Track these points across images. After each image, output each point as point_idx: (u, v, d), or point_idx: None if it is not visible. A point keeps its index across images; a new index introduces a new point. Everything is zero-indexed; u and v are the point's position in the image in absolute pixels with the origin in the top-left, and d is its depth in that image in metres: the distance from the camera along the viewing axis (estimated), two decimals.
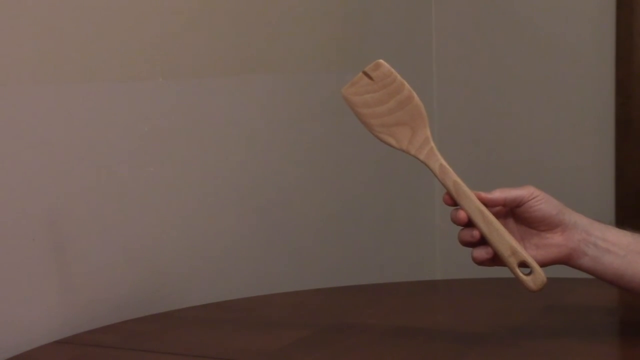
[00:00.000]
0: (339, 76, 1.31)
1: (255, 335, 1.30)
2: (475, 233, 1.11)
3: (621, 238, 1.15)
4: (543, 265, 1.13)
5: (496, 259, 1.12)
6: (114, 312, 1.42)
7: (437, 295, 1.60)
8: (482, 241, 1.11)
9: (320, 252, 1.81)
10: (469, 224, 1.11)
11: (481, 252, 1.11)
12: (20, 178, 1.33)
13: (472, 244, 1.12)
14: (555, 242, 1.13)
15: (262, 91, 1.69)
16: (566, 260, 1.14)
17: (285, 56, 1.73)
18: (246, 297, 1.51)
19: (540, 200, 1.12)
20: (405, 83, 1.12)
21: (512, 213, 1.14)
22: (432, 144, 1.12)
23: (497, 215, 1.13)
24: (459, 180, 1.12)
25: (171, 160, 1.54)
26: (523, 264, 1.11)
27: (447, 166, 1.12)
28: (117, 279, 1.46)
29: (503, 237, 1.11)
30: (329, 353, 1.21)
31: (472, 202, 1.11)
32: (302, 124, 1.77)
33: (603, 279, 1.16)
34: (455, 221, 1.12)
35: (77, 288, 1.41)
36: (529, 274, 1.11)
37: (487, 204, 1.12)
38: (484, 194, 1.12)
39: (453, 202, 1.12)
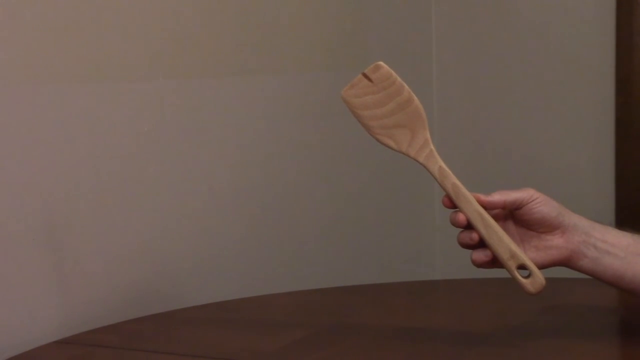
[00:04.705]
0: (339, 76, 1.31)
1: (255, 335, 1.30)
2: (474, 236, 1.11)
3: (621, 239, 1.15)
4: (543, 267, 1.13)
5: (495, 262, 1.12)
6: (114, 312, 1.43)
7: (437, 295, 1.60)
8: (481, 244, 1.11)
9: (320, 252, 1.81)
10: (468, 226, 1.12)
11: (480, 255, 1.11)
12: (20, 178, 1.33)
13: (471, 246, 1.12)
14: (555, 244, 1.13)
15: (262, 91, 1.69)
16: (566, 262, 1.14)
17: (285, 56, 1.73)
18: (246, 297, 1.51)
19: (539, 203, 1.12)
20: (405, 85, 1.12)
21: (511, 215, 1.14)
22: (432, 146, 1.12)
23: (497, 218, 1.13)
24: (458, 182, 1.12)
25: (171, 160, 1.54)
26: (522, 267, 1.11)
27: (447, 169, 1.12)
28: (117, 279, 1.46)
29: (502, 240, 1.11)
30: (328, 353, 1.21)
31: (471, 205, 1.11)
32: (302, 124, 1.77)
33: (603, 281, 1.16)
34: (455, 224, 1.12)
35: (77, 288, 1.41)
36: (527, 277, 1.11)
37: (486, 206, 1.12)
38: (483, 197, 1.12)
39: (452, 204, 1.12)
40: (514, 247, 1.11)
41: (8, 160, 1.32)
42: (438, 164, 1.12)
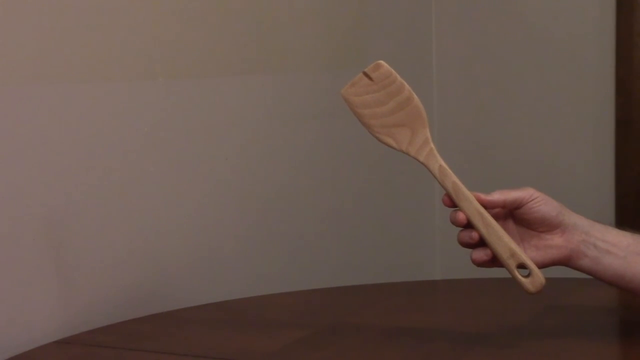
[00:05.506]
0: (339, 76, 1.31)
1: (255, 335, 1.30)
2: (474, 235, 1.11)
3: (621, 239, 1.15)
4: (543, 266, 1.13)
5: (495, 261, 1.12)
6: (114, 312, 1.42)
7: (437, 295, 1.60)
8: (481, 243, 1.11)
9: (320, 252, 1.81)
10: (468, 225, 1.11)
11: (480, 254, 1.11)
12: (21, 178, 1.33)
13: (471, 245, 1.12)
14: (555, 244, 1.13)
15: (262, 91, 1.69)
16: (566, 262, 1.14)
17: (285, 56, 1.73)
18: (246, 297, 1.51)
19: (539, 202, 1.12)
20: (405, 84, 1.12)
21: (511, 214, 1.14)
22: (432, 145, 1.12)
23: (497, 217, 1.13)
24: (458, 181, 1.12)
25: (171, 160, 1.54)
26: (522, 266, 1.11)
27: (447, 167, 1.12)
28: (117, 279, 1.46)
29: (502, 239, 1.11)
30: (329, 353, 1.21)
31: (471, 204, 1.11)
32: (302, 124, 1.77)
33: (603, 280, 1.16)
34: (454, 223, 1.12)
35: (77, 288, 1.41)
36: (527, 276, 1.11)
37: (486, 205, 1.12)
38: (483, 196, 1.12)
39: (452, 203, 1.12)
40: (513, 246, 1.11)
41: (8, 160, 1.32)
42: (438, 162, 1.12)
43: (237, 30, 1.63)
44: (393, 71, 1.12)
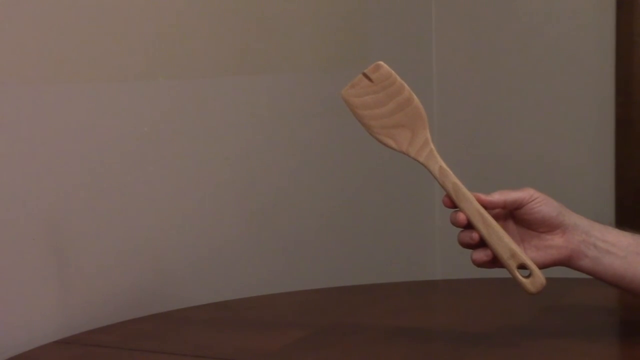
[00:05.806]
0: (339, 76, 1.31)
1: (255, 335, 1.30)
2: (475, 235, 1.11)
3: (621, 239, 1.15)
4: (543, 266, 1.13)
5: (495, 261, 1.11)
6: (114, 312, 1.43)
7: (437, 295, 1.60)
8: (482, 243, 1.11)
9: (320, 252, 1.81)
10: (469, 226, 1.11)
11: (480, 255, 1.11)
12: (20, 178, 1.33)
13: (472, 246, 1.12)
14: (555, 244, 1.13)
15: (262, 91, 1.69)
16: (566, 262, 1.14)
17: (285, 56, 1.73)
18: (246, 297, 1.51)
19: (539, 202, 1.12)
20: (405, 85, 1.12)
21: (511, 215, 1.14)
22: (432, 145, 1.12)
23: (497, 217, 1.13)
24: (458, 182, 1.12)
25: (171, 160, 1.54)
26: (522, 267, 1.11)
27: (447, 168, 1.12)
28: (117, 279, 1.46)
29: (502, 239, 1.11)
30: (328, 353, 1.21)
31: (471, 205, 1.11)
32: (302, 124, 1.77)
33: (603, 280, 1.16)
34: (455, 223, 1.12)
35: (77, 288, 1.41)
36: (528, 277, 1.11)
37: (487, 206, 1.12)
38: (483, 196, 1.12)
39: (452, 204, 1.12)
40: (514, 246, 1.11)
41: (8, 160, 1.32)
42: (438, 163, 1.12)
43: (237, 30, 1.63)
44: (393, 72, 1.12)
